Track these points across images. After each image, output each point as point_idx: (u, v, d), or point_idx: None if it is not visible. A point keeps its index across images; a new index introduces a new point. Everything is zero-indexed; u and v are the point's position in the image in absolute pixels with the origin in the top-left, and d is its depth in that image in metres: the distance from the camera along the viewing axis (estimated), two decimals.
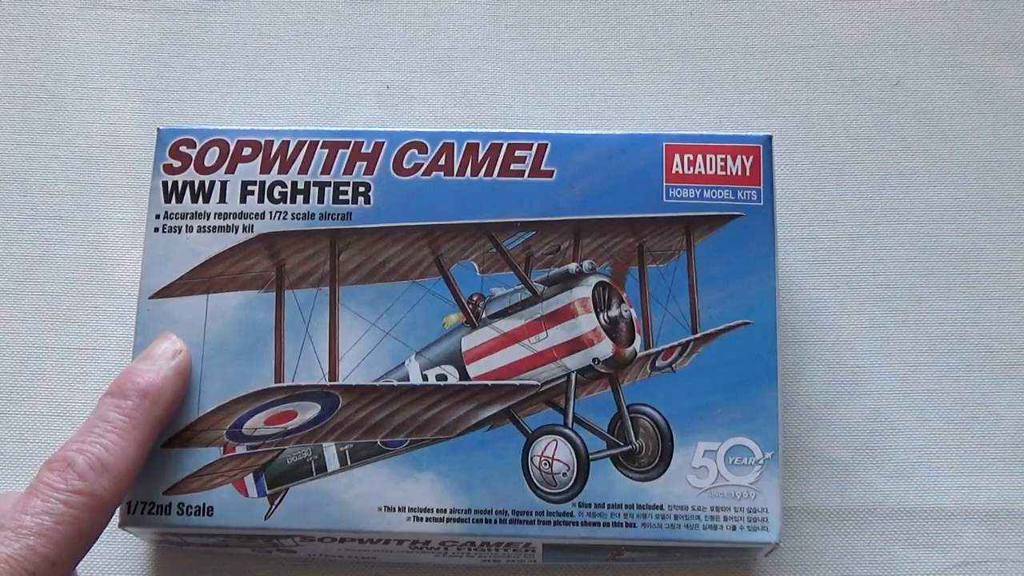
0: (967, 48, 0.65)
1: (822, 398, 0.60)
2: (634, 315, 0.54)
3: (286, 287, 0.54)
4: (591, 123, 0.64)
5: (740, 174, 0.55)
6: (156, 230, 0.55)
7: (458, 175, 0.55)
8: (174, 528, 0.52)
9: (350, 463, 0.53)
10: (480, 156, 0.55)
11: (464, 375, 0.53)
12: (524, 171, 0.55)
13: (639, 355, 0.53)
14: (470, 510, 0.52)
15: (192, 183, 0.55)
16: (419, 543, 0.53)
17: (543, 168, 0.55)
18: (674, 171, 0.55)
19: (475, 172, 0.55)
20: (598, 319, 0.53)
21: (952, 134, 0.64)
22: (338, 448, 0.53)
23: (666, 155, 0.55)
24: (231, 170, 0.56)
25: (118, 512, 0.52)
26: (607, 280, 0.54)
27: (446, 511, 0.52)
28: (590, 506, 0.52)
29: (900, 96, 0.64)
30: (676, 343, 0.53)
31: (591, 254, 0.54)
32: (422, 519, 0.52)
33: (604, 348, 0.53)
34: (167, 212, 0.55)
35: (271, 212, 0.55)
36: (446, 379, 0.53)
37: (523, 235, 0.55)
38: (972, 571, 0.58)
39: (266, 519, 0.52)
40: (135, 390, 0.50)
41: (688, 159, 0.55)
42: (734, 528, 0.52)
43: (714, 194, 0.55)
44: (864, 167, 0.63)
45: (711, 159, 0.55)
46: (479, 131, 0.56)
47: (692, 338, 0.53)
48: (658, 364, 0.53)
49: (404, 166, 0.55)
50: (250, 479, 0.52)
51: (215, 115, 0.64)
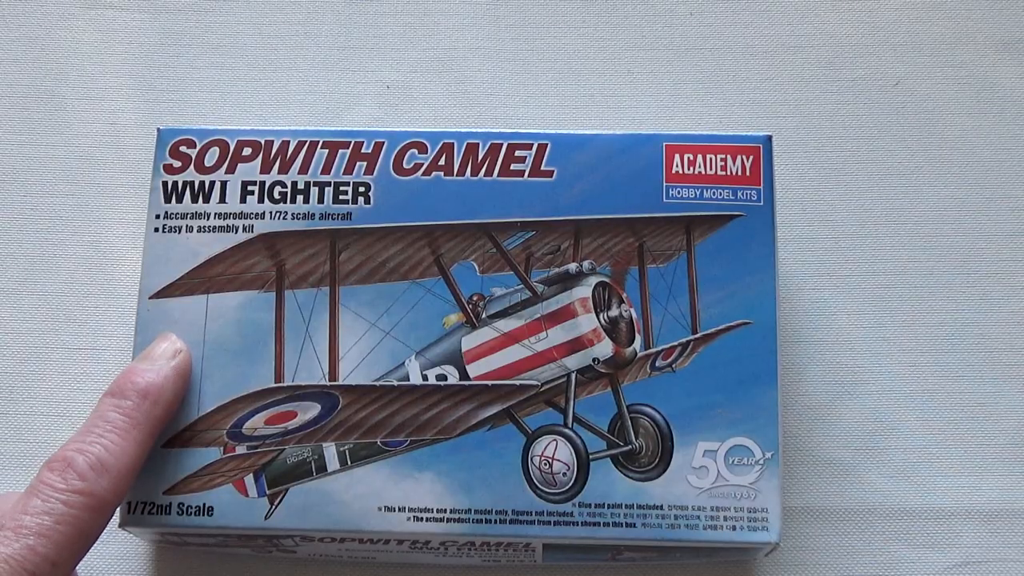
0: (967, 48, 0.65)
1: (822, 398, 0.60)
2: (634, 315, 0.54)
3: (286, 287, 0.54)
4: (591, 123, 0.64)
5: (740, 174, 0.55)
6: (156, 230, 0.55)
7: (458, 175, 0.55)
8: (174, 528, 0.52)
9: (350, 463, 0.53)
10: (480, 156, 0.55)
11: (464, 375, 0.53)
12: (524, 171, 0.55)
13: (639, 355, 0.53)
14: (470, 510, 0.52)
15: (192, 183, 0.55)
16: (419, 543, 0.53)
17: (543, 168, 0.55)
18: (674, 171, 0.55)
19: (475, 172, 0.55)
20: (598, 319, 0.53)
21: (952, 134, 0.64)
22: (338, 448, 0.53)
23: (666, 155, 0.55)
24: (231, 170, 0.55)
25: (118, 512, 0.52)
26: (607, 280, 0.54)
27: (446, 511, 0.52)
28: (590, 506, 0.52)
29: (900, 96, 0.64)
30: (676, 343, 0.53)
31: (591, 254, 0.54)
32: (422, 519, 0.52)
33: (604, 348, 0.53)
34: (167, 212, 0.55)
35: (271, 212, 0.55)
36: (446, 379, 0.53)
37: (523, 235, 0.54)
38: (972, 571, 0.58)
39: (266, 519, 0.52)
40: (135, 390, 0.50)
41: (688, 159, 0.55)
42: (734, 528, 0.52)
43: (714, 194, 0.55)
44: (864, 167, 0.63)
45: (711, 159, 0.55)
46: (479, 131, 0.56)
47: (692, 338, 0.53)
48: (658, 364, 0.53)
49: (404, 166, 0.55)
50: (250, 479, 0.52)
51: (215, 115, 0.64)
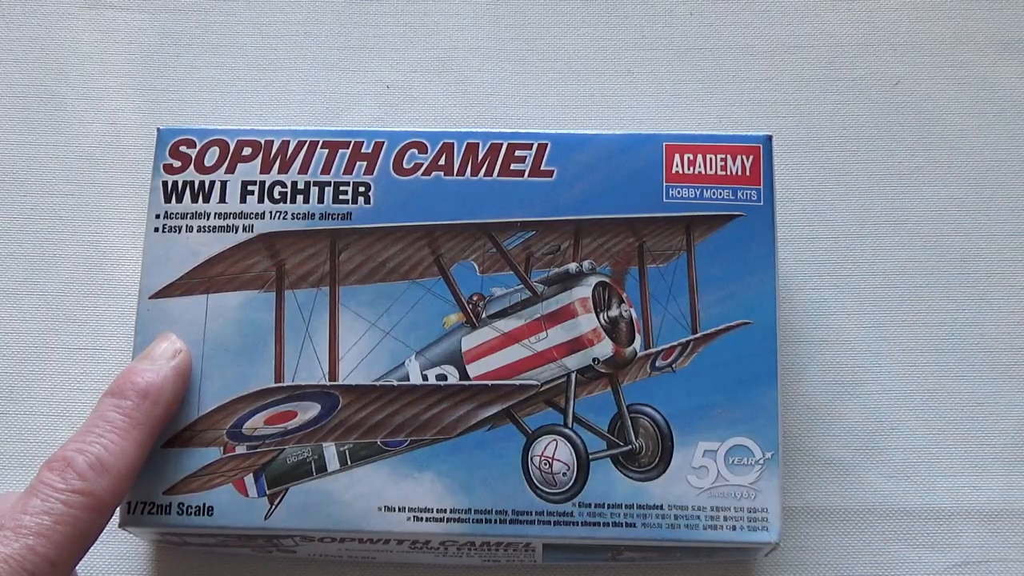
0: (967, 48, 0.65)
1: (822, 398, 0.60)
2: (634, 315, 0.54)
3: (286, 287, 0.54)
4: (591, 123, 0.64)
5: (740, 174, 0.55)
6: (156, 230, 0.55)
7: (458, 175, 0.55)
8: (174, 528, 0.52)
9: (350, 463, 0.53)
10: (480, 156, 0.55)
11: (464, 375, 0.53)
12: (524, 171, 0.55)
13: (639, 355, 0.53)
14: (470, 510, 0.52)
15: (192, 183, 0.55)
16: (419, 543, 0.53)
17: (543, 168, 0.55)
18: (674, 171, 0.55)
19: (475, 172, 0.55)
20: (598, 319, 0.53)
21: (952, 134, 0.64)
22: (338, 448, 0.53)
23: (666, 155, 0.55)
24: (231, 170, 0.55)
25: (118, 512, 0.52)
26: (607, 280, 0.54)
27: (446, 511, 0.52)
28: (590, 506, 0.52)
29: (900, 96, 0.64)
30: (676, 343, 0.53)
31: (591, 254, 0.54)
32: (422, 519, 0.52)
33: (604, 348, 0.53)
34: (167, 212, 0.55)
35: (271, 212, 0.55)
36: (446, 379, 0.53)
37: (523, 235, 0.54)
38: (972, 571, 0.58)
39: (266, 519, 0.52)
40: (135, 390, 0.50)
41: (688, 159, 0.55)
42: (734, 528, 0.52)
43: (714, 194, 0.55)
44: (864, 167, 0.63)
45: (711, 159, 0.55)
46: (479, 131, 0.56)
47: (692, 338, 0.53)
48: (658, 364, 0.53)
49: (404, 166, 0.55)
50: (250, 479, 0.52)
51: (215, 115, 0.64)
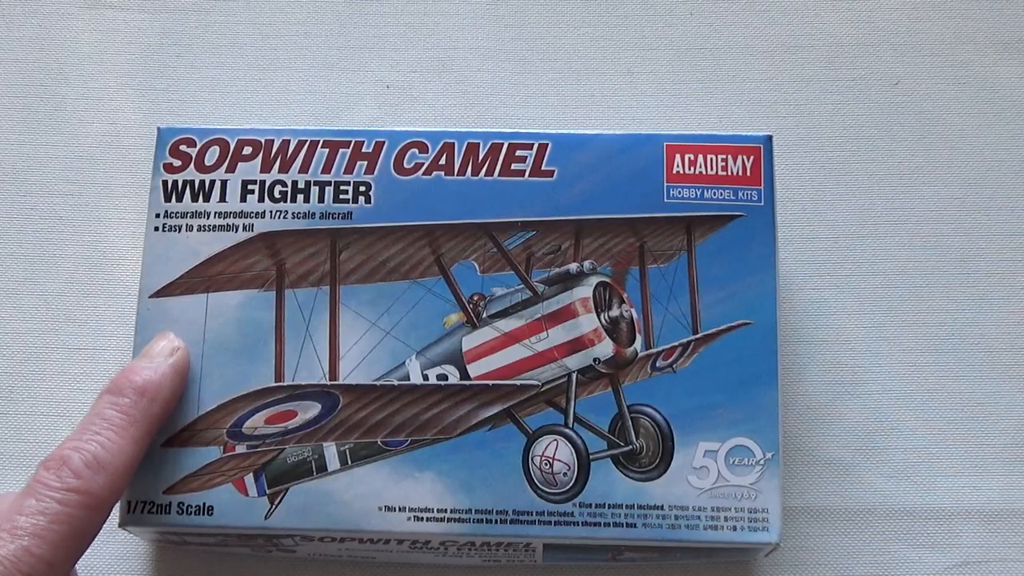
0: (967, 48, 0.65)
1: (822, 398, 0.60)
2: (635, 315, 0.54)
3: (286, 286, 0.54)
4: (591, 123, 0.64)
5: (741, 174, 0.55)
6: (156, 229, 0.55)
7: (459, 175, 0.55)
8: (174, 527, 0.52)
9: (350, 463, 0.53)
10: (481, 156, 0.55)
11: (465, 375, 0.53)
12: (525, 171, 0.55)
13: (640, 355, 0.53)
14: (470, 510, 0.52)
15: (192, 182, 0.55)
16: (419, 543, 0.53)
17: (544, 168, 0.55)
18: (675, 171, 0.55)
19: (476, 172, 0.55)
20: (599, 319, 0.53)
21: (952, 134, 0.64)
22: (338, 448, 0.53)
23: (667, 155, 0.55)
24: (231, 169, 0.55)
25: (118, 511, 0.52)
26: (608, 280, 0.54)
27: (446, 511, 0.52)
28: (590, 506, 0.52)
29: (900, 96, 0.64)
30: (677, 343, 0.53)
31: (592, 254, 0.54)
32: (422, 519, 0.52)
33: (605, 348, 0.53)
34: (167, 211, 0.55)
35: (271, 211, 0.55)
36: (447, 379, 0.53)
37: (524, 235, 0.54)
38: (972, 571, 0.58)
39: (266, 519, 0.52)
40: (132, 387, 0.50)
41: (689, 159, 0.55)
42: (734, 528, 0.52)
43: (715, 194, 0.55)
44: (864, 167, 0.63)
45: (712, 159, 0.55)
46: (480, 131, 0.56)
47: (693, 338, 0.53)
48: (659, 364, 0.53)
49: (405, 166, 0.55)
50: (250, 478, 0.52)
51: (215, 115, 0.64)
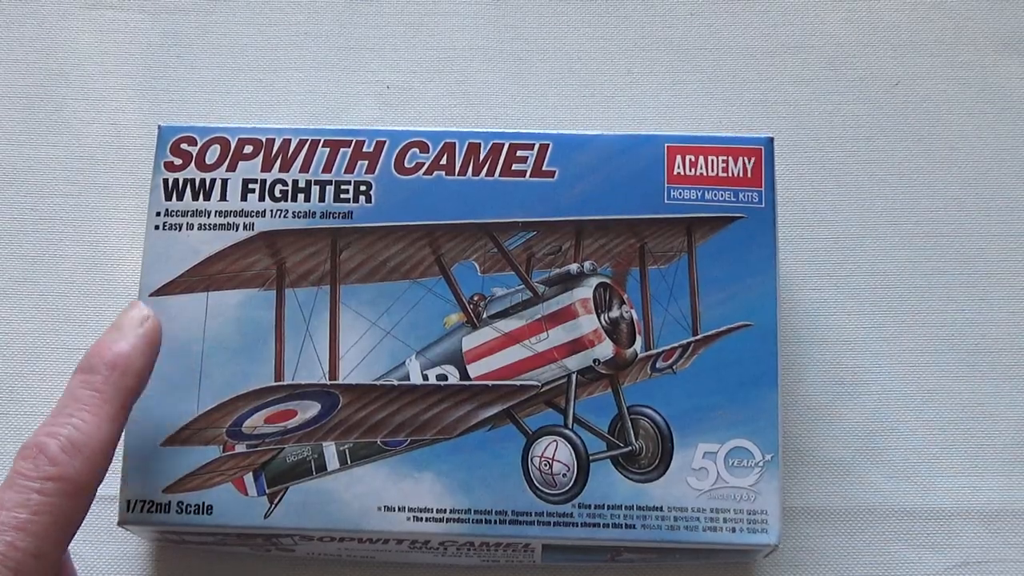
0: (967, 48, 0.65)
1: (822, 399, 0.60)
2: (635, 316, 0.54)
3: (286, 285, 0.54)
4: (592, 123, 0.64)
5: (742, 176, 0.55)
6: (157, 228, 0.55)
7: (459, 175, 0.55)
8: (173, 527, 0.52)
9: (350, 462, 0.53)
10: (482, 156, 0.55)
11: (465, 375, 0.53)
12: (526, 171, 0.55)
13: (640, 356, 0.53)
14: (470, 510, 0.52)
15: (193, 181, 0.55)
16: (418, 543, 0.53)
17: (544, 168, 0.55)
18: (676, 172, 0.55)
19: (476, 172, 0.55)
20: (599, 320, 0.53)
21: (952, 134, 0.64)
22: (338, 447, 0.53)
23: (668, 156, 0.55)
24: (232, 168, 0.55)
25: (117, 510, 0.52)
26: (608, 281, 0.54)
27: (446, 511, 0.52)
28: (590, 507, 0.52)
29: (900, 96, 0.64)
30: (677, 344, 0.53)
31: (592, 255, 0.54)
32: (422, 519, 0.52)
33: (605, 349, 0.53)
34: (168, 210, 0.55)
35: (272, 210, 0.55)
36: (446, 379, 0.53)
37: (524, 235, 0.54)
38: (972, 571, 0.58)
39: (265, 518, 0.52)
40: (104, 363, 0.48)
41: (690, 160, 0.55)
42: (733, 530, 0.52)
43: (715, 196, 0.55)
44: (864, 167, 0.63)
45: (712, 160, 0.55)
46: (481, 131, 0.56)
47: (693, 340, 0.53)
48: (659, 365, 0.53)
49: (405, 165, 0.55)
50: (250, 478, 0.52)
51: (215, 115, 0.64)
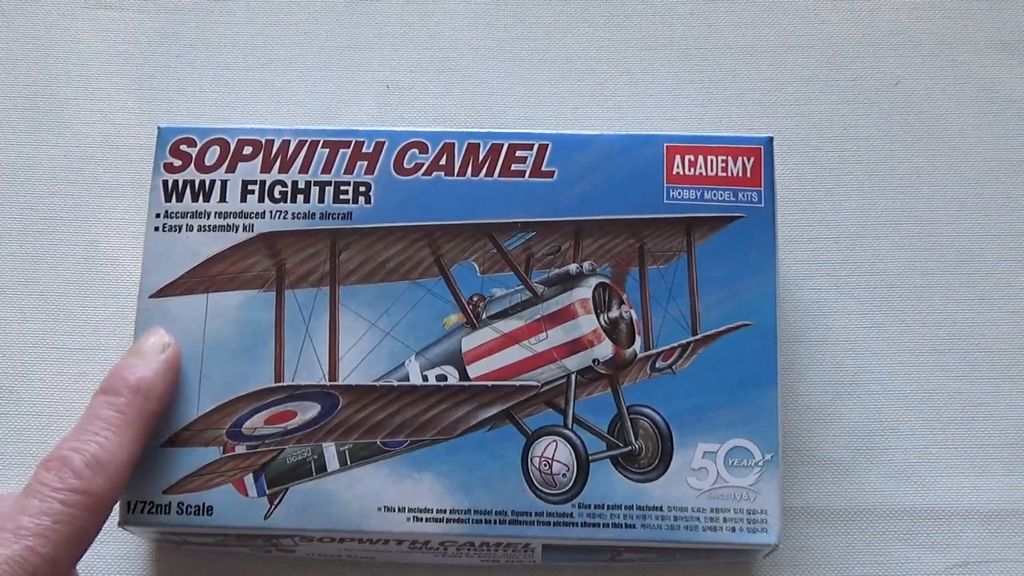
0: (967, 48, 0.65)
1: (822, 399, 0.60)
2: (634, 316, 0.54)
3: (286, 287, 0.54)
4: (592, 123, 0.64)
5: (741, 175, 0.55)
6: (156, 229, 0.55)
7: (459, 175, 0.55)
8: (173, 527, 0.52)
9: (350, 463, 0.53)
10: (481, 156, 0.55)
11: (464, 376, 0.53)
12: (525, 171, 0.55)
13: (639, 356, 0.53)
14: (470, 510, 0.52)
15: (192, 182, 0.55)
16: (418, 543, 0.53)
17: (544, 168, 0.55)
18: (675, 172, 0.55)
19: (476, 172, 0.55)
20: (598, 320, 0.53)
21: (952, 134, 0.64)
22: (338, 448, 0.53)
23: (667, 156, 0.55)
24: (231, 169, 0.55)
25: (117, 511, 0.52)
26: (607, 281, 0.54)
27: (446, 511, 0.52)
28: (590, 507, 0.52)
29: (900, 96, 0.64)
30: (676, 344, 0.53)
31: (591, 255, 0.54)
32: (422, 519, 0.52)
33: (604, 349, 0.53)
34: (167, 211, 0.55)
35: (271, 211, 0.55)
36: (446, 379, 0.53)
37: (523, 236, 0.54)
38: (972, 571, 0.58)
39: (266, 519, 0.52)
40: (127, 386, 0.50)
41: (689, 160, 0.55)
42: (733, 530, 0.52)
43: (715, 195, 0.55)
44: (864, 167, 0.63)
45: (712, 160, 0.55)
46: (480, 131, 0.56)
47: (692, 339, 0.53)
48: (658, 365, 0.53)
49: (405, 166, 0.55)
50: (250, 479, 0.52)
51: (215, 115, 0.64)
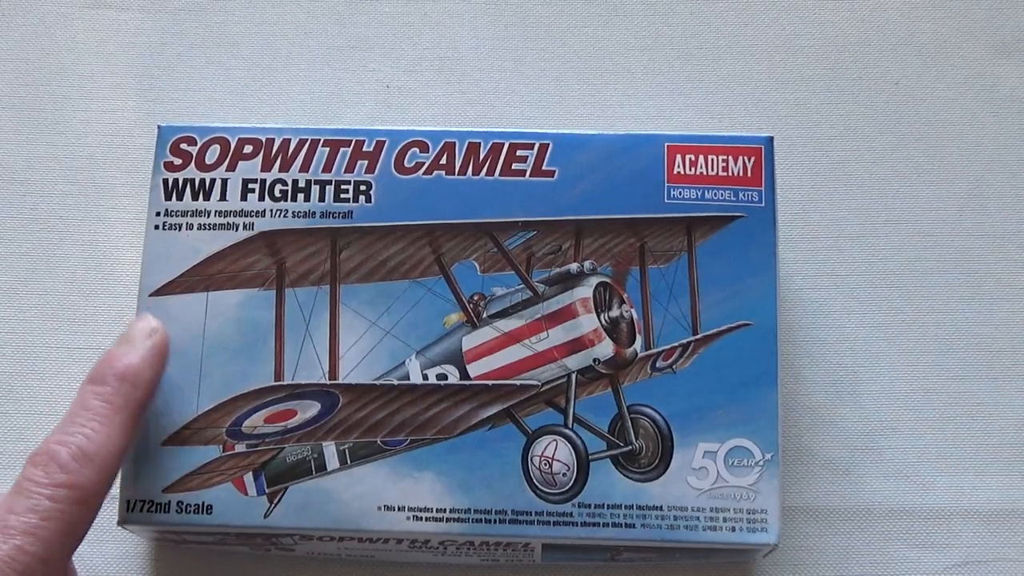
0: (967, 48, 0.65)
1: (822, 399, 0.60)
2: (635, 316, 0.54)
3: (286, 285, 0.54)
4: (592, 123, 0.64)
5: (742, 175, 0.55)
6: (156, 228, 0.55)
7: (459, 174, 0.55)
8: (173, 526, 0.52)
9: (350, 462, 0.53)
10: (481, 155, 0.55)
11: (464, 375, 0.53)
12: (525, 171, 0.55)
13: (640, 356, 0.53)
14: (470, 510, 0.52)
15: (193, 181, 0.55)
16: (418, 542, 0.53)
17: (544, 168, 0.55)
18: (676, 171, 0.55)
19: (476, 171, 0.55)
20: (599, 319, 0.53)
21: (952, 134, 0.64)
22: (338, 447, 0.53)
23: (668, 155, 0.55)
24: (232, 168, 0.55)
25: (117, 510, 0.52)
26: (608, 280, 0.54)
27: (446, 511, 0.52)
28: (590, 506, 0.52)
29: (900, 96, 0.64)
30: (677, 344, 0.53)
31: (592, 254, 0.54)
32: (421, 518, 0.52)
33: (605, 348, 0.53)
34: (167, 210, 0.55)
35: (272, 210, 0.55)
36: (446, 379, 0.53)
37: (524, 235, 0.54)
38: (972, 571, 0.58)
39: (265, 518, 0.52)
40: (114, 375, 0.49)
41: (690, 160, 0.55)
42: (733, 529, 0.52)
43: (715, 195, 0.55)
44: (864, 167, 0.63)
45: (712, 160, 0.55)
46: (481, 130, 0.56)
47: (693, 339, 0.53)
48: (659, 365, 0.53)
49: (405, 165, 0.55)
50: (249, 477, 0.52)
51: (215, 115, 0.64)
